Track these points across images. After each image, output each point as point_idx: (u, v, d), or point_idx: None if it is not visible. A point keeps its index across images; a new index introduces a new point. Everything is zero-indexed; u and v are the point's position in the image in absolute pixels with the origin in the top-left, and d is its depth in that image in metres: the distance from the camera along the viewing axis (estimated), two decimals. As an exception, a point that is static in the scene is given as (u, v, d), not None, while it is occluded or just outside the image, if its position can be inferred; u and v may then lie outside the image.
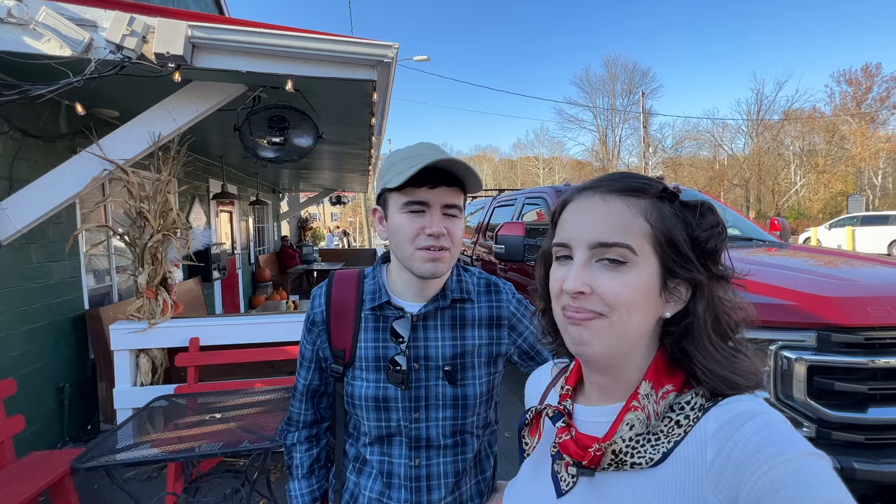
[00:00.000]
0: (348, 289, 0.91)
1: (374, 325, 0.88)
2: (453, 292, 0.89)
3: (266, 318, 3.03)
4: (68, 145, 3.28)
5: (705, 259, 0.49)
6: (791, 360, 1.71)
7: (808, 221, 22.10)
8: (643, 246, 0.48)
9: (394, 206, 0.82)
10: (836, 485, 0.37)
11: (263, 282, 8.22)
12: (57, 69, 2.24)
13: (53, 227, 3.16)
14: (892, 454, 1.61)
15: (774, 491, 0.37)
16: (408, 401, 0.85)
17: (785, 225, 3.67)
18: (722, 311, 0.49)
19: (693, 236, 0.49)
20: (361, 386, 0.86)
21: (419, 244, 0.80)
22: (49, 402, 3.06)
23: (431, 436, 0.86)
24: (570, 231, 0.51)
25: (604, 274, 0.48)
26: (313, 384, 0.95)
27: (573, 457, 0.51)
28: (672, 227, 0.49)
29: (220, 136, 4.62)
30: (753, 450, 0.40)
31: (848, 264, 2.39)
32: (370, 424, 0.87)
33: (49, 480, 2.06)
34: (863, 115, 26.99)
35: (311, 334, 0.93)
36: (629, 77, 34.85)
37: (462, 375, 0.87)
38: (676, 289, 0.50)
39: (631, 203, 0.49)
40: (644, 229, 0.48)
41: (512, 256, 3.52)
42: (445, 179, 0.80)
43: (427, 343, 0.87)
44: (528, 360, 0.93)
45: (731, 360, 0.48)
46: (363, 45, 2.43)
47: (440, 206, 0.81)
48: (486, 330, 0.91)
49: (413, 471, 0.86)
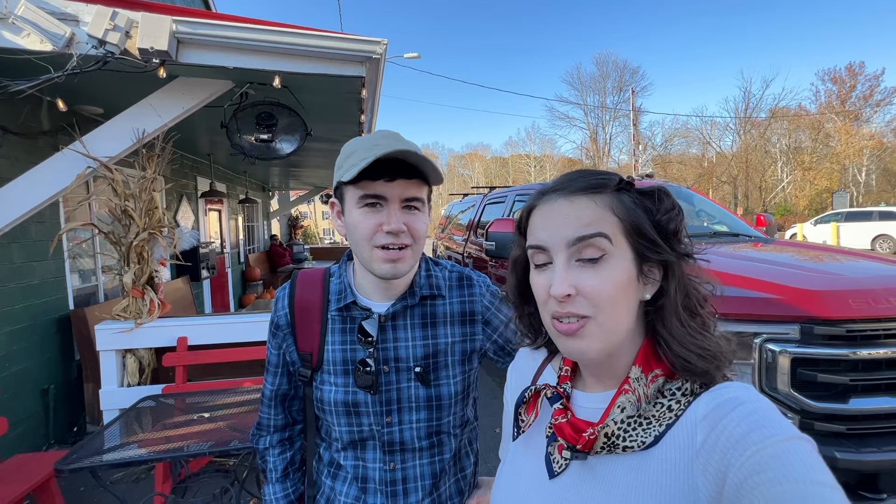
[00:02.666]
0: (313, 289, 0.87)
1: (340, 327, 0.84)
2: (422, 289, 0.85)
3: (254, 316, 3.01)
4: (51, 142, 3.22)
5: (669, 240, 0.52)
6: (775, 352, 1.74)
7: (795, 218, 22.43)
8: (616, 236, 0.50)
9: (350, 200, 0.77)
10: (818, 465, 0.38)
11: (253, 281, 8.15)
12: (38, 64, 2.19)
13: (36, 227, 3.10)
14: (872, 443, 1.64)
15: (760, 472, 0.39)
16: (379, 405, 0.82)
17: (771, 221, 3.72)
18: (691, 287, 0.52)
19: (655, 220, 0.52)
20: (330, 391, 0.82)
21: (377, 242, 0.75)
22: (33, 404, 3.01)
23: (405, 439, 0.83)
24: (545, 235, 0.52)
25: (584, 273, 0.49)
26: (282, 389, 0.91)
27: (567, 440, 0.51)
28: (636, 215, 0.51)
29: (208, 133, 4.56)
30: (741, 434, 0.42)
31: (832, 258, 2.43)
32: (341, 430, 0.83)
33: (33, 483, 2.02)
34: (847, 112, 27.48)
35: (276, 338, 0.89)
36: (620, 75, 35.06)
37: (436, 375, 0.84)
38: (651, 271, 0.53)
39: (596, 199, 0.51)
40: (613, 221, 0.51)
41: (502, 253, 3.53)
42: (404, 171, 0.74)
43: (397, 344, 0.83)
44: (506, 356, 0.89)
45: (695, 337, 0.50)
46: (351, 41, 2.41)
47: (399, 201, 0.76)
48: (458, 326, 0.87)
49: (388, 475, 0.82)
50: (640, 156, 27.32)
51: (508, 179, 41.87)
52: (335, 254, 11.99)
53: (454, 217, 6.98)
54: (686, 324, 0.50)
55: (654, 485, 0.46)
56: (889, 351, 1.71)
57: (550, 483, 0.54)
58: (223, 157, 6.22)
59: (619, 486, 0.48)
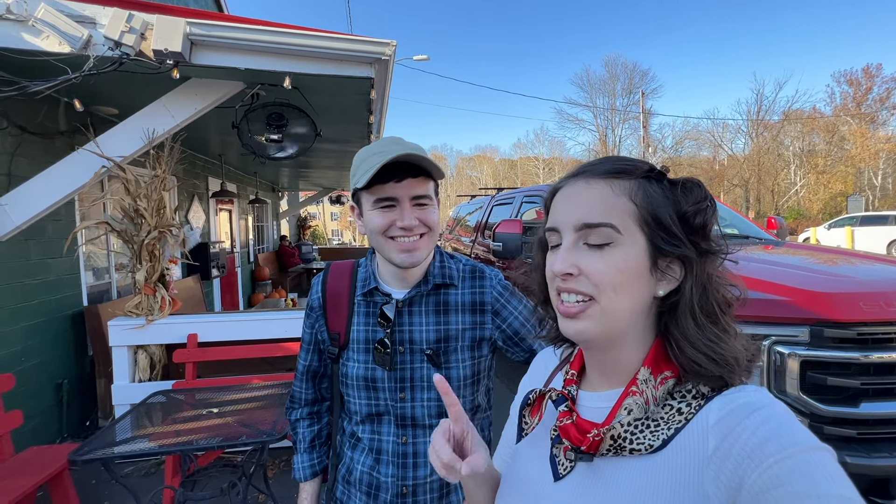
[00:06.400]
0: (343, 277, 0.97)
1: (364, 311, 0.93)
2: (435, 278, 0.93)
3: (264, 314, 3.04)
4: (67, 142, 3.29)
5: (694, 235, 0.49)
6: (784, 355, 1.72)
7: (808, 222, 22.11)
8: (628, 225, 0.49)
9: (366, 203, 0.86)
10: (841, 479, 0.37)
11: (262, 280, 8.23)
12: (56, 66, 2.25)
13: (52, 224, 3.17)
14: (884, 448, 1.62)
15: (779, 486, 0.37)
16: (394, 381, 0.90)
17: (782, 223, 3.68)
18: (711, 288, 0.49)
19: (681, 212, 0.49)
20: (353, 367, 0.92)
21: (391, 234, 0.85)
22: (47, 398, 3.07)
23: (417, 415, 0.90)
24: (558, 216, 0.53)
25: (590, 256, 0.49)
26: (313, 365, 1.02)
27: (573, 441, 0.51)
28: (657, 205, 0.49)
29: (219, 134, 4.63)
30: (758, 443, 0.40)
31: (844, 261, 2.40)
32: (360, 402, 0.92)
33: (47, 475, 2.07)
34: (863, 115, 27.00)
35: (310, 319, 0.99)
36: (629, 77, 34.92)
37: (446, 359, 0.91)
38: (670, 267, 0.50)
39: (614, 185, 0.50)
40: (628, 209, 0.49)
41: (509, 254, 3.53)
42: (410, 171, 0.83)
43: (411, 328, 0.91)
44: (513, 346, 0.95)
45: (711, 341, 0.47)
46: (361, 43, 2.44)
47: (409, 199, 0.84)
48: (469, 315, 0.93)
49: (400, 448, 0.90)
50: (650, 158, 27.12)
51: (517, 181, 41.78)
52: (343, 254, 12.06)
53: (462, 218, 6.99)
54: (703, 326, 0.48)
55: (661, 489, 0.45)
56: (901, 355, 1.68)
57: (556, 485, 0.53)
58: (234, 158, 6.30)
59: (625, 489, 0.47)
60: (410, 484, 0.89)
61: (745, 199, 30.37)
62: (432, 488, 0.90)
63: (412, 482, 0.89)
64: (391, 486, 0.89)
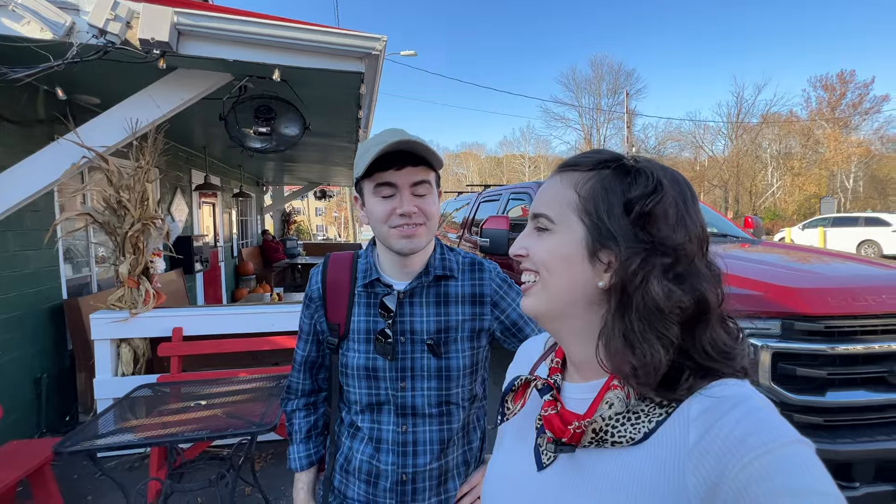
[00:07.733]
0: (343, 268, 0.98)
1: (365, 301, 0.94)
2: (436, 269, 0.94)
3: (251, 308, 3.03)
4: (46, 131, 3.21)
5: (637, 226, 0.47)
6: (757, 347, 1.81)
7: (784, 222, 22.77)
8: (565, 215, 0.52)
9: (367, 191, 0.88)
10: (819, 474, 0.38)
11: (247, 275, 8.12)
12: (37, 53, 2.19)
13: (31, 215, 3.09)
14: (846, 435, 1.72)
15: (760, 481, 0.37)
16: (394, 371, 0.91)
17: (758, 223, 3.81)
18: (651, 287, 0.45)
19: (626, 202, 0.48)
20: (354, 357, 0.93)
21: (392, 223, 0.86)
22: (26, 392, 3.01)
23: (417, 404, 0.92)
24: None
25: (535, 238, 0.55)
26: (311, 356, 1.02)
27: (555, 433, 0.51)
28: (596, 193, 0.50)
29: (204, 126, 4.55)
30: (739, 437, 0.40)
31: (817, 259, 2.51)
32: (361, 392, 0.93)
33: (28, 468, 2.03)
34: (836, 120, 27.93)
35: (309, 309, 1.00)
36: (614, 77, 35.27)
37: (446, 349, 0.92)
38: (610, 259, 0.49)
39: (564, 177, 0.54)
40: (570, 199, 0.52)
41: (496, 250, 3.58)
42: (410, 160, 0.85)
43: (412, 318, 0.93)
44: (511, 337, 0.98)
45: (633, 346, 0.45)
46: (351, 37, 2.44)
47: (408, 186, 0.86)
48: (468, 306, 0.95)
49: (400, 436, 0.91)
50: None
51: (503, 179, 41.94)
52: (327, 250, 11.97)
53: (448, 215, 7.02)
54: (630, 323, 0.46)
55: (642, 481, 0.45)
56: (865, 346, 1.78)
57: (539, 475, 0.54)
58: (218, 150, 6.20)
59: (607, 480, 0.48)
60: (410, 472, 0.91)
61: (724, 199, 31.11)
62: (431, 476, 0.92)
63: (412, 470, 0.91)
64: (391, 473, 0.90)
